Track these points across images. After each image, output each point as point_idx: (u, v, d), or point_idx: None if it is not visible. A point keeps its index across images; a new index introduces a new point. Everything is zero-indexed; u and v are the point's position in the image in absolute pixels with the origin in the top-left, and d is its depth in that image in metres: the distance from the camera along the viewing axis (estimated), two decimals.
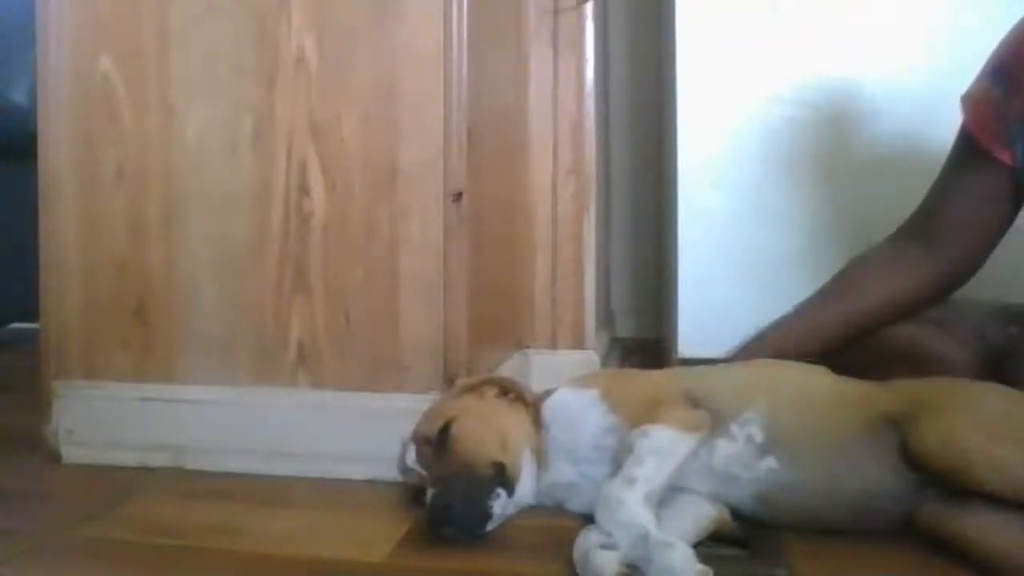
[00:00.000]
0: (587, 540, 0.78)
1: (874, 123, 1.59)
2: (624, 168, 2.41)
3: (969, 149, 1.11)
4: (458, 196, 1.09)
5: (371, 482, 1.05)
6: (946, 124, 1.13)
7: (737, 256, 1.64)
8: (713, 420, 0.88)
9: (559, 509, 0.94)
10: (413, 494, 0.95)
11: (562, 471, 0.93)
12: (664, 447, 0.84)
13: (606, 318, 2.08)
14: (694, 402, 0.91)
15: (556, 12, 1.53)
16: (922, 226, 1.14)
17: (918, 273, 1.13)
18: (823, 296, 1.20)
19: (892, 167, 1.49)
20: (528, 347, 1.52)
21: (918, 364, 1.08)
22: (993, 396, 0.89)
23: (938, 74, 1.46)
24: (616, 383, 0.99)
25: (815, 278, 1.32)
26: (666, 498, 0.84)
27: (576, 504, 0.92)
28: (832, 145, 1.61)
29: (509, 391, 0.99)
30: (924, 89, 1.52)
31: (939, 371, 1.06)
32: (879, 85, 1.58)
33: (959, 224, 1.11)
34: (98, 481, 1.08)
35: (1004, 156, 1.07)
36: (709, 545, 0.83)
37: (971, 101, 1.11)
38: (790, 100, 1.61)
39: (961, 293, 1.16)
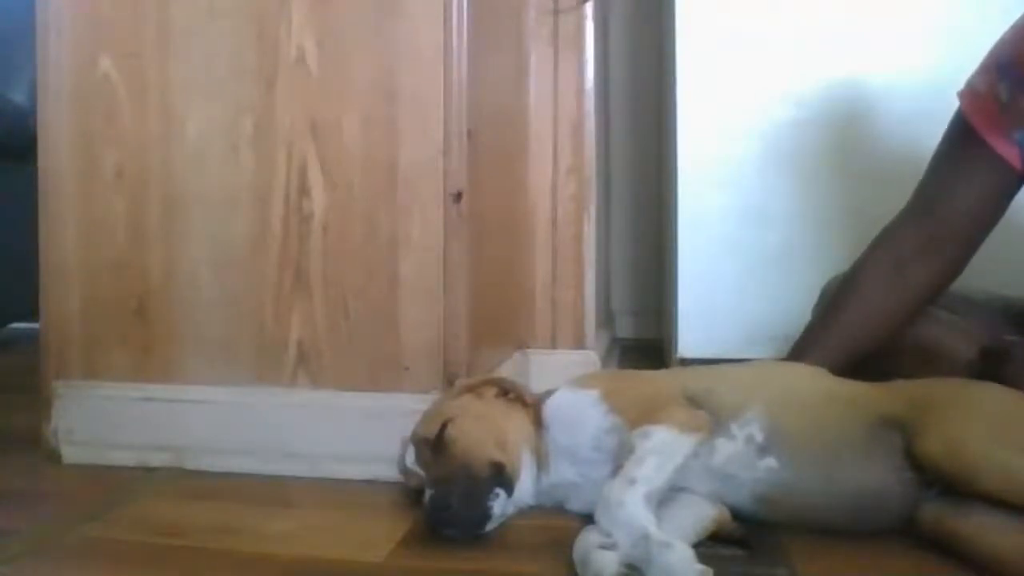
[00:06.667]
0: (587, 540, 0.78)
1: (874, 123, 1.59)
2: (624, 168, 2.41)
3: (968, 141, 1.08)
4: (458, 196, 1.09)
5: (371, 482, 1.05)
6: (946, 124, 1.13)
7: (737, 256, 1.64)
8: (713, 420, 0.88)
9: (559, 509, 0.94)
10: (413, 494, 0.95)
11: (562, 471, 0.93)
12: (665, 448, 0.84)
13: (606, 318, 2.08)
14: (694, 402, 0.90)
15: (556, 12, 1.53)
16: (924, 226, 1.12)
17: (924, 277, 1.11)
18: (827, 320, 1.16)
19: (892, 166, 1.49)
20: (528, 347, 1.52)
21: (925, 358, 1.08)
22: (996, 399, 0.88)
23: (938, 74, 1.45)
24: (616, 384, 0.99)
25: (815, 278, 1.31)
26: (666, 498, 0.84)
27: (576, 504, 0.92)
28: (832, 145, 1.62)
29: (509, 391, 0.99)
30: (924, 89, 1.52)
31: (945, 366, 1.06)
32: (879, 85, 1.58)
33: (963, 226, 1.09)
34: (98, 481, 1.08)
35: (1009, 154, 1.05)
36: (709, 545, 0.83)
37: (973, 95, 1.09)
38: (790, 100, 1.62)
39: (966, 286, 1.16)
